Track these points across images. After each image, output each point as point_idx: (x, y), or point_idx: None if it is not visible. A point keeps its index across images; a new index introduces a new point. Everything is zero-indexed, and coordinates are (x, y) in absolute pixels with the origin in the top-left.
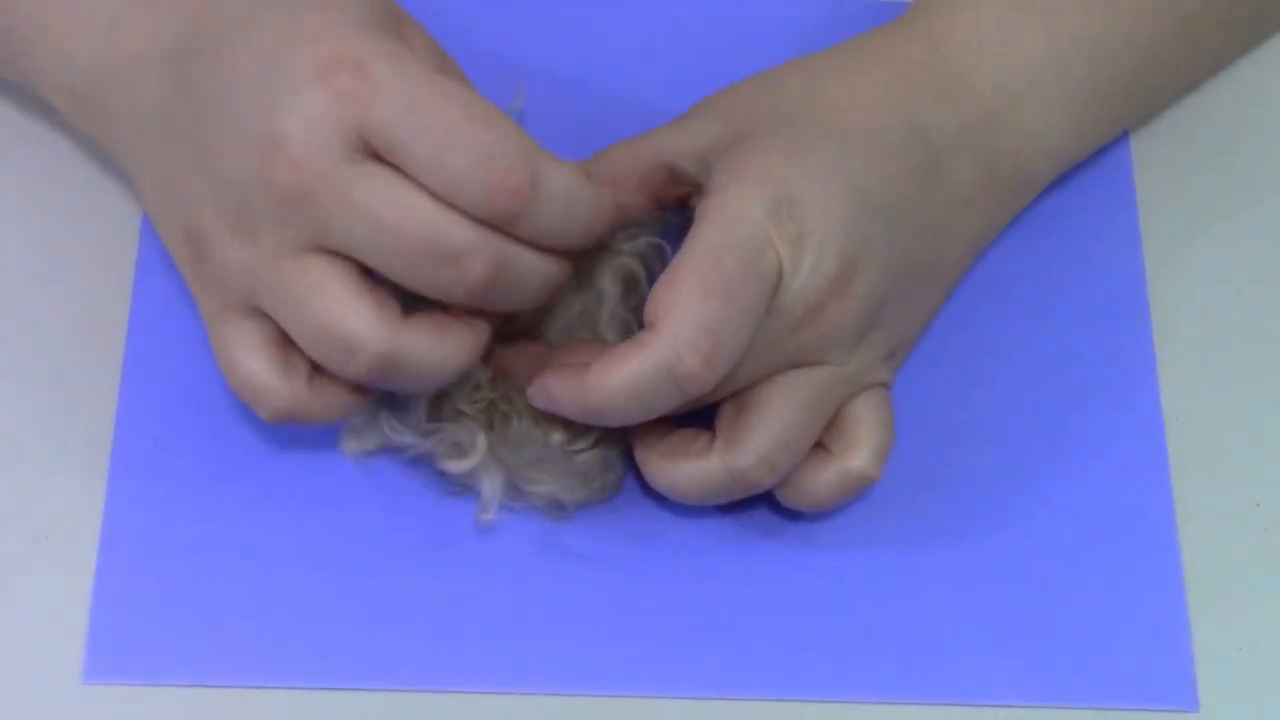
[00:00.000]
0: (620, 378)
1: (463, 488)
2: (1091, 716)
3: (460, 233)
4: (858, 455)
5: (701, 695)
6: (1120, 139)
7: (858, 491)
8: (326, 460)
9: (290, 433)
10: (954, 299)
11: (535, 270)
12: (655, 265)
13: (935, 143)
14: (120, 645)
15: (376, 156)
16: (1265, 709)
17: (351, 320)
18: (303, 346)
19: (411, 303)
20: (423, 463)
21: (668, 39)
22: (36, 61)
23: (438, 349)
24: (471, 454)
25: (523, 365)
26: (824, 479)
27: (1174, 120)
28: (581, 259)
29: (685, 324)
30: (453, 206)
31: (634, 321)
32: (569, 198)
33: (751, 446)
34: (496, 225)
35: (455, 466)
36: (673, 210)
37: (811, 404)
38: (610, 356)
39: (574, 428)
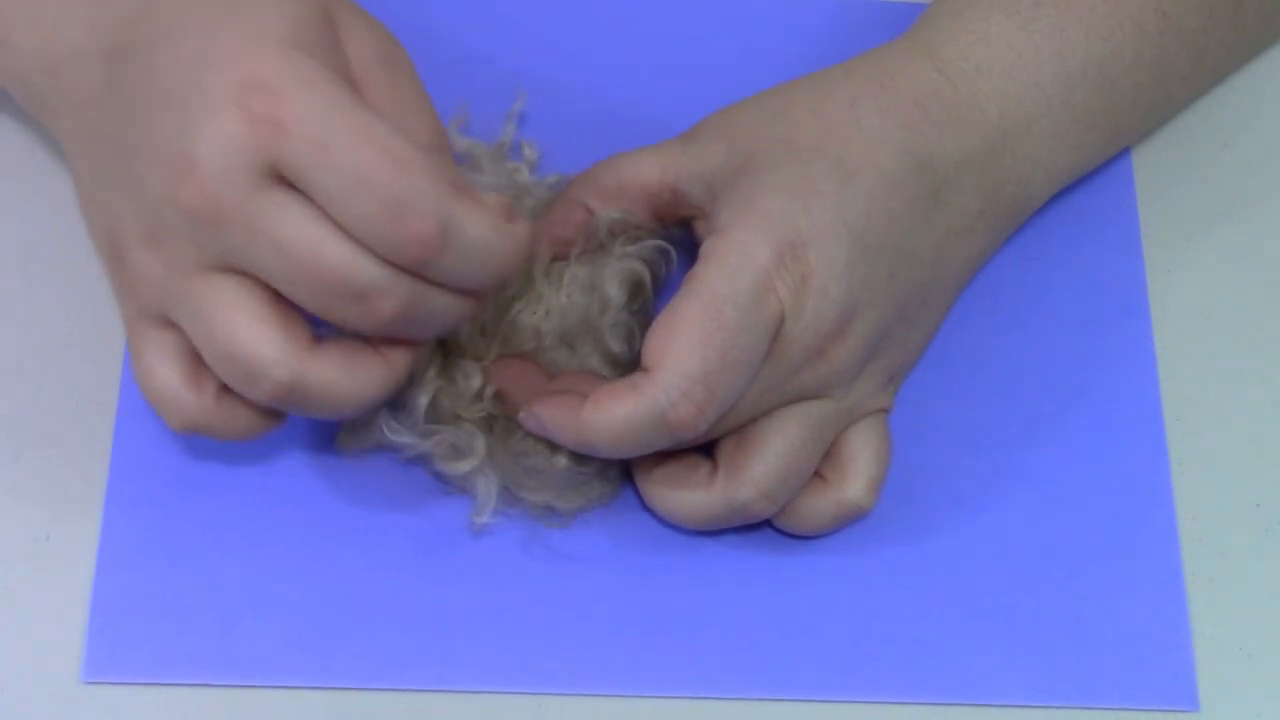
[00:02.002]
0: (613, 417)
1: (458, 488)
2: (1092, 717)
3: (369, 272)
4: (852, 487)
5: (701, 695)
6: None
7: (851, 520)
8: (325, 460)
9: (288, 433)
10: (956, 302)
11: (446, 308)
12: (661, 269)
13: (940, 173)
14: (119, 644)
15: (290, 184)
16: (1265, 709)
17: (256, 345)
18: (209, 364)
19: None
20: (420, 463)
21: (669, 41)
22: None
23: (346, 380)
24: (469, 457)
25: (518, 391)
26: (819, 508)
27: (1174, 121)
28: (579, 265)
29: (680, 374)
30: (362, 244)
31: (637, 328)
32: (482, 244)
33: (752, 480)
34: (405, 268)
35: (452, 469)
36: (674, 227)
37: (812, 438)
38: (605, 394)
39: (580, 455)
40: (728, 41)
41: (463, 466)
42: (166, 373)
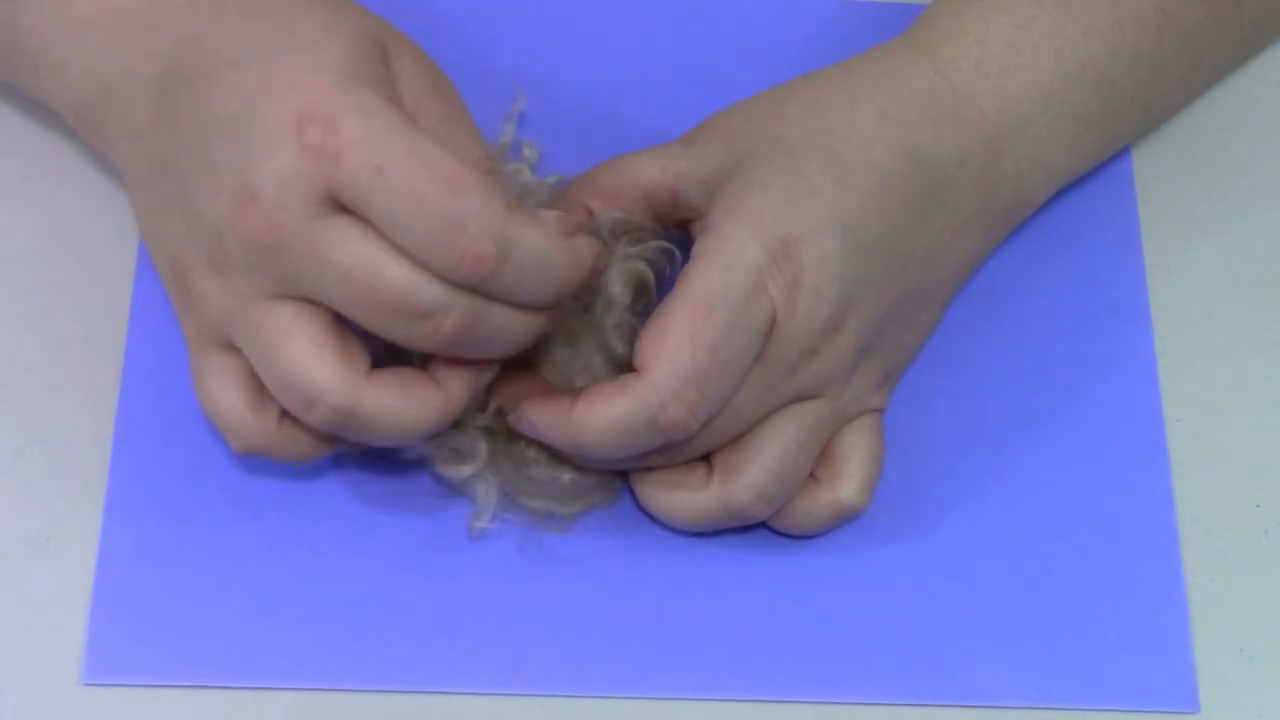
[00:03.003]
0: (603, 418)
1: (457, 490)
2: (1091, 717)
3: (430, 292)
4: (845, 487)
5: (699, 696)
6: None
7: (845, 521)
8: (325, 462)
9: None
10: (955, 301)
11: (509, 324)
12: (665, 269)
13: (936, 172)
14: (120, 645)
15: (348, 211)
16: (1265, 709)
17: (313, 371)
18: (269, 389)
19: (390, 354)
20: (420, 465)
21: (669, 41)
22: (42, 77)
23: (401, 407)
24: (471, 462)
25: (518, 397)
26: (812, 509)
27: (1174, 122)
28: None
29: (671, 374)
30: (421, 265)
31: (640, 329)
32: (540, 261)
33: (747, 482)
34: (465, 286)
35: (453, 473)
36: (674, 229)
37: (806, 439)
38: (596, 395)
39: (584, 469)
40: (728, 42)
41: (464, 471)
42: (230, 397)
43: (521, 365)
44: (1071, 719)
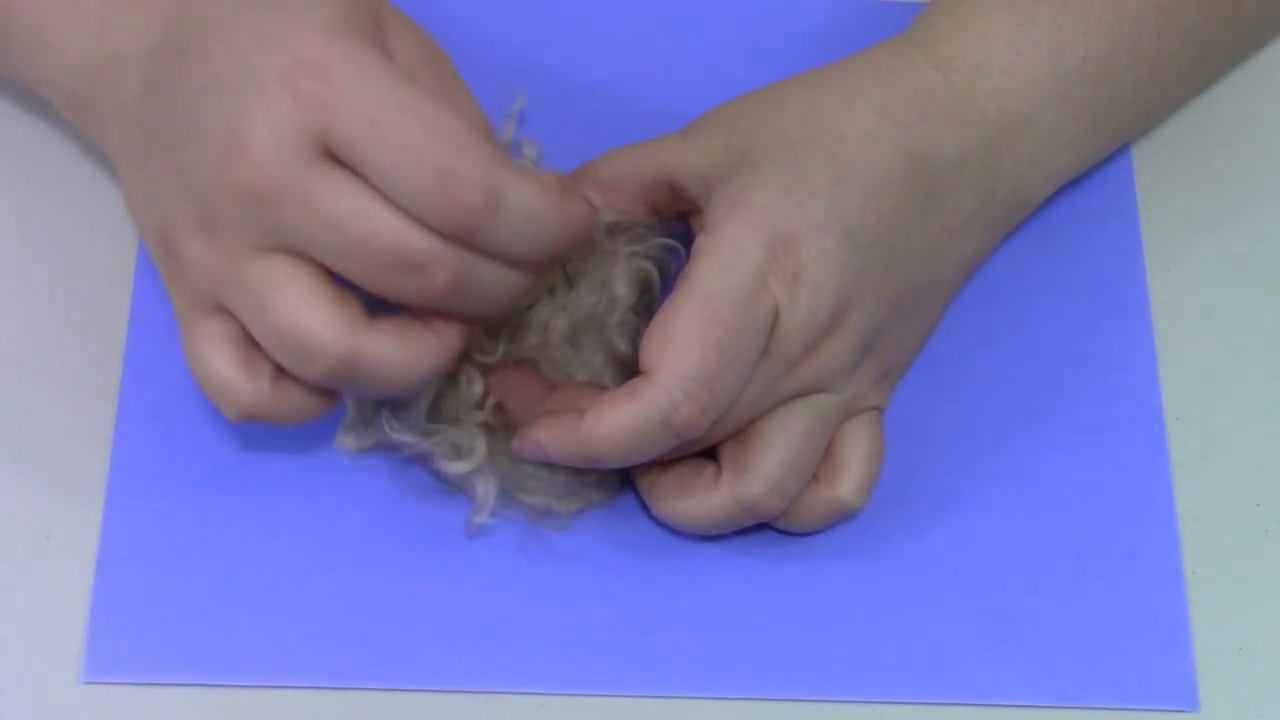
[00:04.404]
0: (615, 426)
1: (456, 488)
2: (1091, 716)
3: (421, 243)
4: (844, 486)
5: (699, 695)
6: None
7: (842, 519)
8: (325, 460)
9: (289, 433)
10: (955, 301)
11: (499, 281)
12: (669, 266)
13: (936, 171)
14: (119, 644)
15: (339, 161)
16: (1265, 709)
17: (311, 321)
18: (264, 346)
19: (379, 305)
20: (419, 462)
21: (668, 40)
22: (35, 59)
23: (401, 355)
24: (470, 458)
25: (519, 404)
26: (811, 506)
27: (1174, 120)
28: (584, 263)
29: (681, 375)
30: (413, 216)
31: (643, 328)
32: (531, 215)
33: (760, 477)
34: (457, 238)
35: (452, 468)
36: (673, 221)
37: (814, 430)
38: (605, 404)
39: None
40: (727, 41)
41: (463, 467)
42: (220, 360)
43: (522, 365)
44: (1071, 718)
